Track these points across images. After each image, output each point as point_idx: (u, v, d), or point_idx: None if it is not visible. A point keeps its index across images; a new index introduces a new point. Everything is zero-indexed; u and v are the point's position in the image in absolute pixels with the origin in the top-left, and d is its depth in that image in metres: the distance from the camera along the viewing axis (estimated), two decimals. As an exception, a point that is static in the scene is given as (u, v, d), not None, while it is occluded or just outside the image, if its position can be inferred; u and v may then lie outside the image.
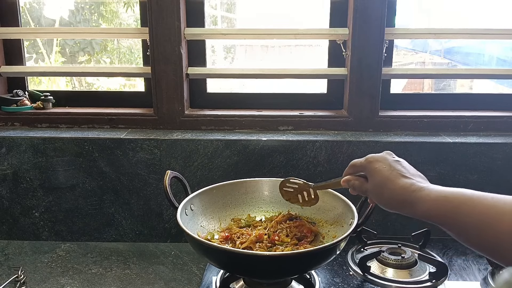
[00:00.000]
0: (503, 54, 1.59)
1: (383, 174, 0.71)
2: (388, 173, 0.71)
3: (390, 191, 0.69)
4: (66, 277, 1.04)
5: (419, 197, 0.66)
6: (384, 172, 0.71)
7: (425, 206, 0.64)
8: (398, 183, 0.69)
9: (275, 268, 0.82)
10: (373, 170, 0.73)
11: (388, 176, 0.70)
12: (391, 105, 1.31)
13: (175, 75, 1.24)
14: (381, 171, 0.72)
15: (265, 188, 1.09)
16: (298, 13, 1.42)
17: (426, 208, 0.64)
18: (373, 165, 0.73)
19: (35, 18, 1.82)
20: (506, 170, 1.16)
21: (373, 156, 0.75)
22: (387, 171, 0.71)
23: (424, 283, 0.97)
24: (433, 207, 0.64)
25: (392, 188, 0.69)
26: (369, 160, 0.74)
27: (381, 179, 0.71)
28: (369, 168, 0.74)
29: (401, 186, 0.68)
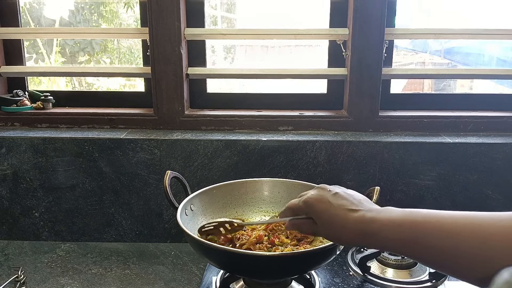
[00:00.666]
0: (503, 54, 1.59)
1: (328, 213, 0.68)
2: (333, 211, 0.68)
3: (341, 227, 0.66)
4: (66, 277, 1.04)
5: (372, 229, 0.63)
6: (328, 211, 0.68)
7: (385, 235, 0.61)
8: (347, 218, 0.66)
9: (275, 268, 0.82)
10: (317, 212, 0.70)
11: (334, 213, 0.67)
12: (391, 105, 1.31)
13: (175, 75, 1.24)
14: (325, 210, 0.68)
15: (265, 188, 1.09)
16: (298, 13, 1.42)
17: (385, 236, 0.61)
18: (315, 208, 0.70)
19: (35, 18, 1.82)
20: (506, 170, 1.16)
21: (309, 197, 0.72)
22: (330, 209, 0.68)
23: (424, 283, 0.97)
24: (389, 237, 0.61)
25: (342, 224, 0.66)
26: (308, 204, 0.71)
27: (328, 218, 0.68)
28: (311, 211, 0.71)
29: (351, 220, 0.65)
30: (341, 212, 0.67)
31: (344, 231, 0.66)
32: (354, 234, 0.65)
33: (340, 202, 0.69)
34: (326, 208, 0.69)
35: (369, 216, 0.65)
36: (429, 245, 0.56)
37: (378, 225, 0.62)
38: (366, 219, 0.64)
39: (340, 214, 0.67)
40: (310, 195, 0.72)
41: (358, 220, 0.65)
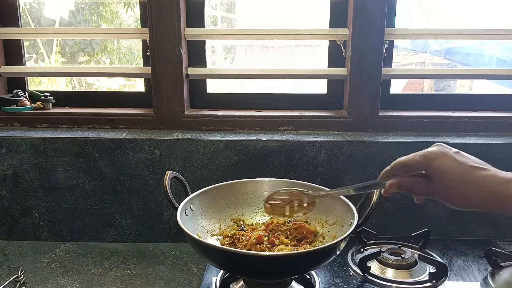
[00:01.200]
0: (503, 55, 1.59)
1: (456, 171, 0.61)
2: (461, 169, 0.61)
3: (472, 188, 0.60)
4: (66, 278, 1.04)
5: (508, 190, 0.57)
6: (456, 168, 0.61)
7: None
8: (480, 177, 0.60)
9: (275, 269, 0.82)
10: (441, 168, 0.62)
11: (463, 171, 0.61)
12: (391, 105, 1.31)
13: (175, 75, 1.24)
14: (452, 168, 0.61)
15: (265, 188, 1.09)
16: (298, 13, 1.42)
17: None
18: (438, 162, 0.63)
19: (35, 19, 1.82)
20: (506, 170, 1.16)
21: (430, 152, 0.64)
22: (458, 166, 0.61)
23: (424, 283, 0.97)
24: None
25: (474, 184, 0.60)
26: (430, 157, 0.63)
27: (456, 177, 0.61)
28: (434, 166, 0.63)
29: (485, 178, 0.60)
30: (468, 169, 0.61)
31: (471, 190, 0.60)
32: (484, 194, 0.60)
33: (466, 160, 0.63)
34: (451, 164, 0.62)
35: (503, 175, 0.60)
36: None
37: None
38: (500, 178, 0.59)
39: (467, 171, 0.61)
40: (429, 149, 0.65)
41: (489, 178, 0.60)
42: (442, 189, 0.63)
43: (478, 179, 0.60)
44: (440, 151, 0.64)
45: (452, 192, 0.62)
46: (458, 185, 0.61)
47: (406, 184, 0.67)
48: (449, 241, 1.17)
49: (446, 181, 0.62)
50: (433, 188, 0.64)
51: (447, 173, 0.62)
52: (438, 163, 0.63)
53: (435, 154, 0.64)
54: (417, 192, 0.67)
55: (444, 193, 0.63)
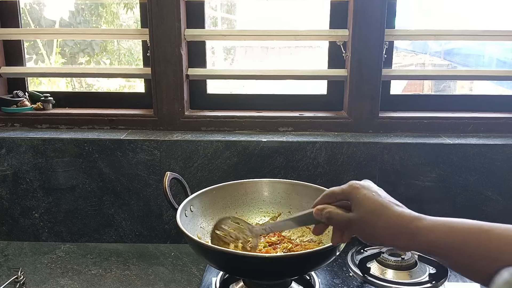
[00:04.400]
0: (503, 56, 1.59)
1: (374, 201, 0.63)
2: (380, 201, 0.63)
3: (385, 220, 0.62)
4: (65, 278, 1.04)
5: (421, 227, 0.59)
6: (376, 200, 0.63)
7: (430, 237, 0.58)
8: (395, 211, 0.62)
9: (275, 270, 0.82)
10: (362, 197, 0.64)
11: (381, 204, 0.63)
12: (391, 106, 1.31)
13: (175, 76, 1.24)
14: (372, 198, 0.64)
15: (265, 189, 1.09)
16: (298, 14, 1.42)
17: (431, 238, 0.58)
18: (361, 192, 0.65)
19: (35, 19, 1.82)
20: (506, 172, 1.16)
21: (357, 182, 0.67)
22: (378, 198, 0.63)
23: (424, 284, 0.97)
24: (440, 237, 0.58)
25: (387, 217, 0.62)
26: (355, 186, 0.66)
27: (373, 207, 0.63)
28: (355, 194, 0.65)
29: (399, 214, 0.61)
30: (387, 204, 0.63)
31: (384, 225, 0.62)
32: (396, 229, 0.61)
33: (385, 195, 0.65)
34: (373, 196, 0.64)
35: (417, 215, 0.61)
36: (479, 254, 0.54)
37: (429, 224, 0.59)
38: (413, 216, 0.61)
39: (387, 205, 0.63)
40: (356, 181, 0.67)
41: (404, 215, 0.61)
42: (357, 220, 0.64)
43: (390, 213, 0.62)
44: (367, 184, 0.67)
45: (365, 223, 0.64)
46: (372, 217, 0.63)
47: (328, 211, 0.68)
48: (449, 242, 1.17)
49: (362, 211, 0.64)
50: (350, 218, 0.66)
51: (365, 203, 0.64)
52: (361, 192, 0.65)
53: (361, 185, 0.66)
54: (333, 220, 0.68)
55: (358, 224, 0.65)
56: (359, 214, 0.64)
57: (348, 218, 0.66)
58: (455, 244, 0.57)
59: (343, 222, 0.67)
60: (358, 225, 0.65)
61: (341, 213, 0.67)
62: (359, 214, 0.64)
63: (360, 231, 0.65)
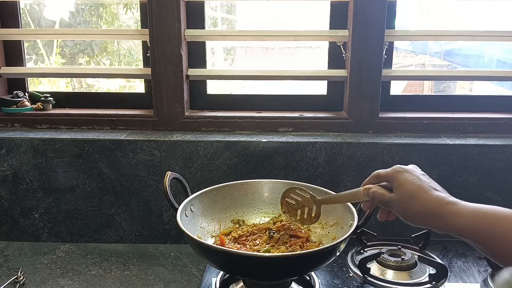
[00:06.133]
0: (503, 56, 1.59)
1: (414, 185, 0.69)
2: (419, 184, 0.69)
3: (421, 202, 0.67)
4: (65, 279, 1.04)
5: (453, 211, 0.64)
6: (414, 183, 0.69)
7: (460, 221, 0.63)
8: (431, 194, 0.67)
9: (275, 270, 0.81)
10: (403, 180, 0.71)
11: (419, 187, 0.69)
12: (391, 106, 1.31)
13: (175, 76, 1.24)
14: (411, 181, 0.70)
15: (265, 189, 1.09)
16: (298, 14, 1.42)
17: (460, 223, 0.63)
18: (402, 175, 0.71)
19: (35, 20, 1.82)
20: (506, 172, 1.16)
21: (401, 166, 0.73)
22: (417, 182, 0.69)
23: (424, 284, 0.97)
24: (469, 223, 0.62)
25: (423, 199, 0.67)
26: (397, 170, 0.73)
27: (411, 190, 0.69)
28: (397, 177, 0.72)
29: (434, 198, 0.67)
30: (426, 187, 0.68)
31: (420, 206, 0.67)
32: (431, 211, 0.66)
33: (427, 180, 0.71)
34: (413, 180, 0.70)
35: (452, 199, 0.66)
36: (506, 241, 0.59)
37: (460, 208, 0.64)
38: (448, 200, 0.66)
39: (424, 189, 0.68)
40: (401, 165, 0.74)
41: (440, 199, 0.66)
42: (397, 199, 0.71)
43: (430, 196, 0.67)
44: (410, 168, 0.73)
45: (404, 203, 0.70)
46: (410, 198, 0.69)
47: (373, 189, 0.75)
48: (449, 242, 1.17)
49: (403, 192, 0.70)
50: (390, 197, 0.72)
51: (406, 185, 0.70)
52: (403, 176, 0.71)
53: (404, 169, 0.72)
54: (377, 199, 0.74)
55: (397, 202, 0.71)
56: (398, 196, 0.70)
57: (389, 198, 0.72)
58: (482, 230, 0.61)
59: (385, 201, 0.73)
60: (397, 205, 0.71)
61: (384, 193, 0.73)
62: (398, 196, 0.70)
63: (399, 211, 0.71)
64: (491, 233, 0.60)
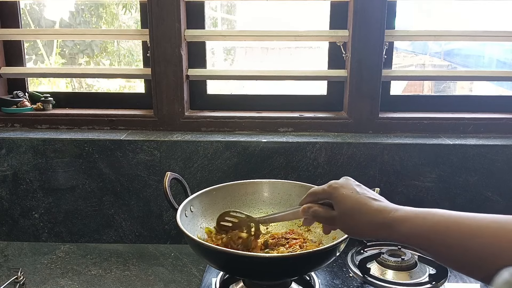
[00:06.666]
0: (503, 56, 1.59)
1: (353, 199, 0.68)
2: (357, 197, 0.68)
3: (363, 216, 0.66)
4: (65, 279, 1.04)
5: (397, 218, 0.63)
6: (353, 197, 0.68)
7: (404, 228, 0.62)
8: (372, 206, 0.66)
9: (275, 270, 0.82)
10: (341, 196, 0.70)
11: (358, 200, 0.68)
12: (391, 106, 1.31)
13: (175, 76, 1.24)
14: (350, 196, 0.69)
15: (265, 189, 1.09)
16: (298, 15, 1.42)
17: (405, 229, 0.62)
18: (339, 191, 0.70)
19: (35, 20, 1.82)
20: (506, 172, 1.16)
21: (335, 182, 0.73)
22: (355, 195, 0.69)
23: (424, 285, 0.97)
24: (413, 228, 0.61)
25: (365, 212, 0.66)
26: (333, 187, 0.72)
27: (351, 205, 0.68)
28: (335, 194, 0.71)
29: (376, 209, 0.66)
30: (365, 200, 0.68)
31: (364, 219, 0.66)
32: (375, 222, 0.65)
33: (365, 191, 0.70)
34: (351, 194, 0.69)
35: (393, 207, 0.65)
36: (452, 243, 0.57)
37: (402, 215, 0.63)
38: (390, 208, 0.65)
39: (363, 201, 0.67)
40: (335, 181, 0.73)
41: (381, 208, 0.66)
42: (340, 217, 0.70)
43: (372, 207, 0.66)
44: (344, 182, 0.72)
45: (347, 219, 0.69)
46: (352, 213, 0.68)
47: (313, 208, 0.74)
48: (449, 242, 1.17)
49: (343, 208, 0.69)
50: (332, 215, 0.71)
51: (345, 200, 0.69)
52: (339, 192, 0.70)
53: (339, 184, 0.72)
54: (320, 217, 0.74)
55: (341, 220, 0.70)
56: (340, 212, 0.70)
57: (331, 215, 0.72)
58: (426, 234, 0.60)
59: (327, 219, 0.73)
60: (341, 221, 0.70)
61: (324, 211, 0.73)
62: (340, 212, 0.70)
63: (344, 227, 0.71)
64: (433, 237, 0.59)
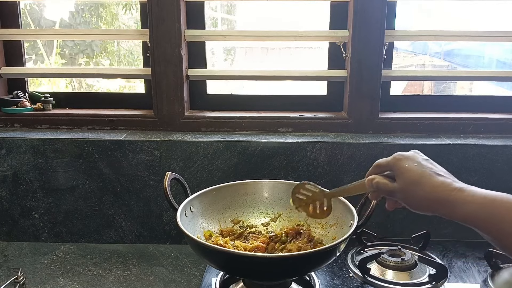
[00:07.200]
0: (503, 56, 1.59)
1: (415, 172, 0.66)
2: (421, 171, 0.66)
3: (425, 189, 0.64)
4: (65, 279, 1.04)
5: (461, 198, 0.61)
6: (416, 170, 0.66)
7: (468, 209, 0.60)
8: (435, 181, 0.64)
9: (275, 270, 0.81)
10: (403, 168, 0.67)
11: (422, 174, 0.65)
12: (391, 107, 1.31)
13: (175, 76, 1.24)
14: (413, 169, 0.67)
15: (265, 189, 1.09)
16: (298, 15, 1.42)
17: (469, 210, 0.60)
18: (403, 163, 0.68)
19: (35, 20, 1.82)
20: (506, 172, 1.16)
21: (401, 154, 0.70)
22: (419, 169, 0.66)
23: (424, 285, 0.97)
24: (478, 211, 0.59)
25: (427, 186, 0.64)
26: (398, 158, 0.69)
27: (413, 177, 0.66)
28: (398, 166, 0.69)
29: (439, 184, 0.64)
30: (429, 173, 0.65)
31: (425, 193, 0.64)
32: (436, 198, 0.63)
33: (430, 166, 0.67)
34: (415, 166, 0.67)
35: (459, 185, 0.63)
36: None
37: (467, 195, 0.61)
38: (455, 186, 0.63)
39: (427, 175, 0.65)
40: (402, 152, 0.71)
41: (445, 184, 0.63)
42: (400, 188, 0.68)
43: (434, 182, 0.64)
44: (411, 155, 0.70)
45: (408, 192, 0.67)
46: (413, 186, 0.66)
47: (376, 180, 0.72)
48: (449, 242, 1.17)
49: (405, 180, 0.67)
50: (394, 186, 0.69)
51: (408, 173, 0.67)
52: (404, 163, 0.68)
53: (405, 156, 0.69)
54: (381, 189, 0.71)
55: (401, 191, 0.68)
56: (401, 185, 0.68)
57: (392, 188, 0.69)
58: (491, 219, 0.58)
59: (388, 191, 0.70)
60: (401, 195, 0.68)
61: (387, 183, 0.70)
62: (401, 185, 0.68)
63: (404, 200, 0.69)
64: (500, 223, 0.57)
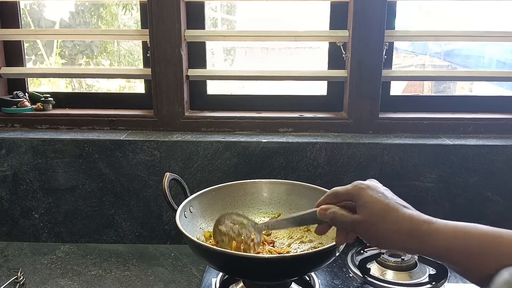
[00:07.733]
0: (503, 57, 1.59)
1: (381, 203, 0.60)
2: (387, 202, 0.60)
3: (392, 223, 0.59)
4: (65, 279, 1.04)
5: (432, 230, 0.57)
6: (382, 201, 0.61)
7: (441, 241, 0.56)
8: (403, 213, 0.59)
9: (275, 271, 0.81)
10: (368, 198, 0.61)
11: (388, 205, 0.60)
12: (391, 107, 1.31)
13: (175, 76, 1.24)
14: (378, 199, 0.61)
15: (265, 189, 1.09)
16: (298, 15, 1.42)
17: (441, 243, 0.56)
18: (367, 192, 0.62)
19: (35, 20, 1.82)
20: (506, 173, 1.16)
21: (362, 182, 0.64)
22: (384, 200, 0.61)
23: (424, 285, 0.97)
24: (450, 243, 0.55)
25: (395, 219, 0.59)
26: (360, 187, 0.63)
27: (380, 209, 0.60)
28: (361, 195, 0.62)
29: (407, 216, 0.59)
30: (395, 206, 0.60)
31: (393, 227, 0.59)
32: (405, 232, 0.58)
33: (394, 197, 0.62)
34: (380, 197, 0.61)
35: (427, 218, 0.58)
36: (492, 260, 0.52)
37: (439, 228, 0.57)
38: (424, 219, 0.58)
39: (393, 207, 0.60)
40: (361, 181, 0.65)
41: (413, 218, 0.59)
42: (364, 223, 0.62)
43: (398, 216, 0.59)
44: (372, 184, 0.64)
45: (372, 226, 0.61)
46: (379, 219, 0.60)
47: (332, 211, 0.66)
48: (449, 243, 1.17)
49: (369, 213, 0.61)
50: (355, 219, 0.63)
51: (371, 204, 0.61)
52: (367, 193, 0.62)
53: (367, 185, 0.63)
54: (338, 221, 0.66)
55: (364, 227, 0.62)
56: (365, 217, 0.62)
57: (353, 220, 0.63)
58: (467, 250, 0.55)
59: (348, 223, 0.64)
60: (364, 227, 0.62)
61: (345, 214, 0.65)
62: (365, 217, 0.62)
63: (366, 233, 0.63)
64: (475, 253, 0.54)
